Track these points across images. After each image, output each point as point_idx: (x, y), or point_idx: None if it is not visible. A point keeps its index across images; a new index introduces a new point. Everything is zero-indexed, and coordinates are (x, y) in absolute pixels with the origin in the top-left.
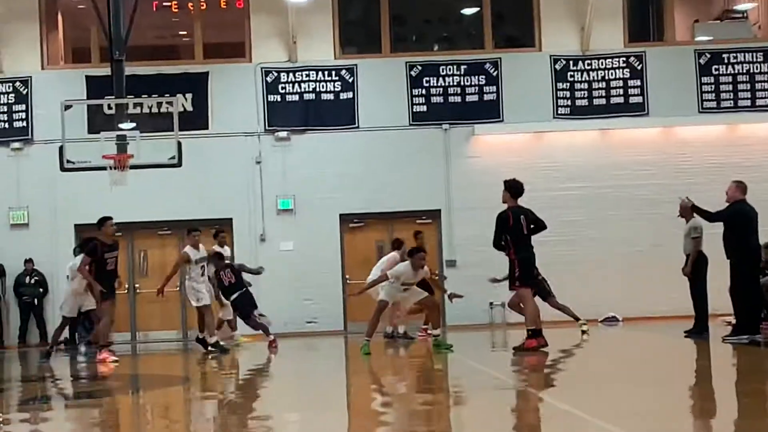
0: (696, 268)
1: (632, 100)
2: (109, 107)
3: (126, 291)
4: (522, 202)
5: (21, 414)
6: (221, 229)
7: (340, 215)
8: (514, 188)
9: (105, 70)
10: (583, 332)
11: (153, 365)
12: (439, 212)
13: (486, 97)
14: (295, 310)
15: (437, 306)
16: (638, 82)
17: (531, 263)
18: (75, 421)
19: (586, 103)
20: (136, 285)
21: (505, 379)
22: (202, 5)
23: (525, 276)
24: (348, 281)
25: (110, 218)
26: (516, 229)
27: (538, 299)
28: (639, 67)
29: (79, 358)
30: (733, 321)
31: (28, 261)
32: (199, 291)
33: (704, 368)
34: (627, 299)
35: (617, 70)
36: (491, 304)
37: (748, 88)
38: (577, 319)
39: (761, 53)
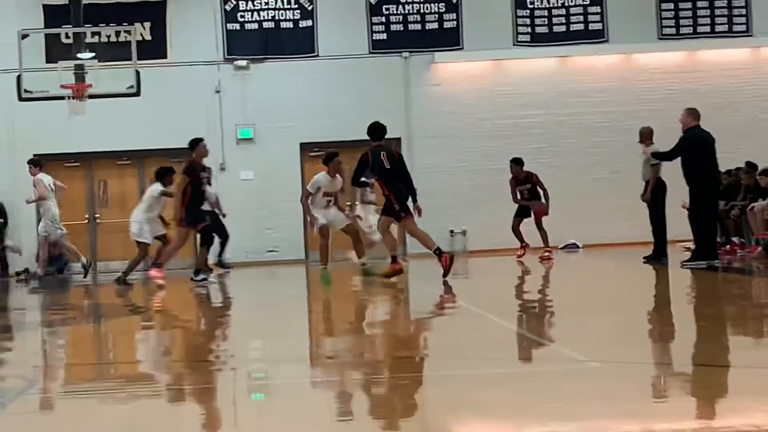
0: (655, 195)
1: (592, 27)
2: (67, 36)
3: (86, 221)
4: (484, 129)
5: None
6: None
7: (301, 144)
8: (371, 131)
9: None
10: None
11: (113, 295)
12: (399, 140)
13: (446, 25)
14: (256, 239)
15: (358, 234)
16: (598, 9)
17: (404, 194)
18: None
19: (546, 30)
20: (96, 215)
21: (466, 306)
22: None
23: (404, 206)
24: None
25: (202, 139)
26: (378, 167)
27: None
28: None
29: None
30: (692, 247)
31: None
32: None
33: (662, 293)
34: (587, 226)
35: None
36: (452, 231)
37: (708, 14)
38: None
39: None
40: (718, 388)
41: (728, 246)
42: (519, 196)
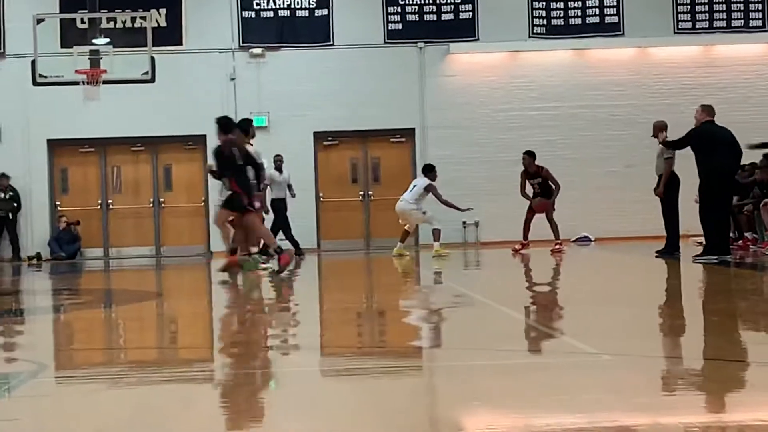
0: (668, 189)
1: (608, 20)
2: (83, 21)
3: (99, 207)
4: (498, 120)
5: None
6: None
7: (314, 133)
8: (220, 125)
9: None
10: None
11: (127, 281)
12: (413, 131)
13: (462, 16)
14: (268, 227)
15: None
16: (614, 2)
17: (251, 190)
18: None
19: (562, 23)
20: (109, 201)
21: (473, 296)
22: None
23: (251, 201)
24: (321, 199)
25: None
26: (229, 162)
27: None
28: None
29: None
30: (704, 241)
31: (3, 176)
32: None
33: (673, 287)
34: (599, 219)
35: None
36: (464, 223)
37: (724, 9)
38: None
39: None
40: (729, 383)
41: (741, 241)
42: (531, 190)
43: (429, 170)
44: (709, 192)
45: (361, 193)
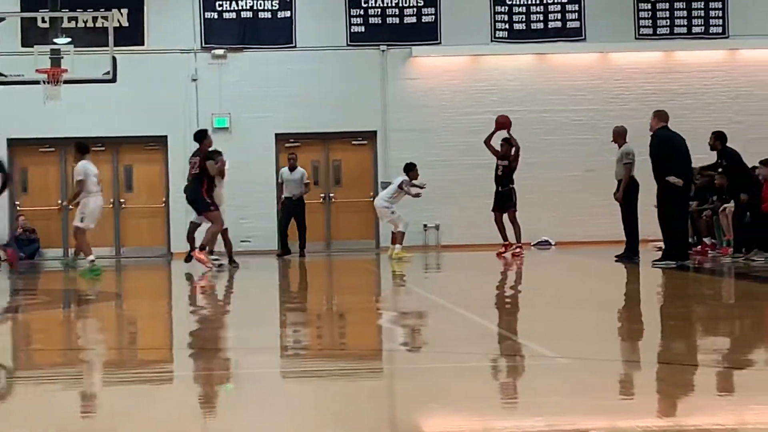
0: (627, 194)
1: (570, 25)
2: (44, 20)
3: (58, 207)
4: (460, 124)
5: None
6: None
7: (276, 135)
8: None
9: None
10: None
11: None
12: (375, 134)
13: (424, 19)
14: (229, 229)
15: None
16: (576, 7)
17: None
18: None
19: (524, 27)
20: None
21: (435, 299)
22: None
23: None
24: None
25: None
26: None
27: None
28: None
29: None
30: (663, 246)
31: None
32: None
33: (632, 292)
34: (560, 223)
35: None
36: (425, 226)
37: (685, 15)
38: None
39: None
40: (686, 387)
41: (700, 246)
42: (495, 164)
43: (409, 169)
44: (667, 197)
45: (323, 195)
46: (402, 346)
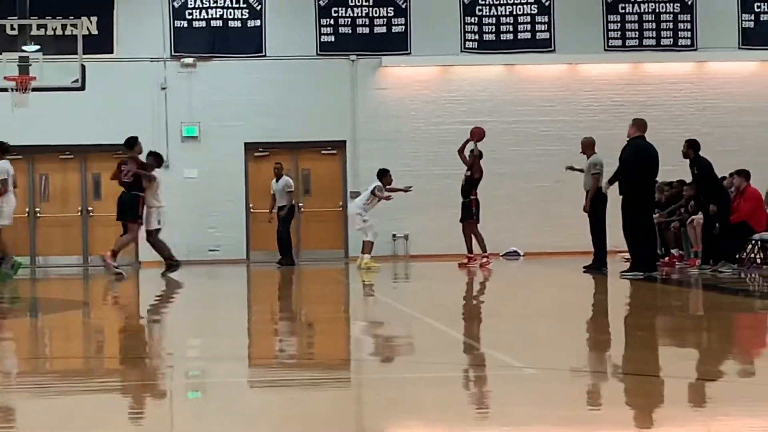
0: (595, 204)
1: (539, 36)
2: (12, 28)
3: (26, 215)
4: (429, 134)
5: None
6: None
7: (245, 144)
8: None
9: None
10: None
11: (53, 289)
12: (344, 143)
13: (394, 29)
14: (198, 237)
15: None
16: (545, 19)
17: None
18: None
19: (494, 38)
20: (37, 209)
21: (403, 309)
22: None
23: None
24: (252, 210)
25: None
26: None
27: None
28: (547, 4)
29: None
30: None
31: None
32: None
33: (600, 303)
34: (528, 234)
35: (525, 6)
36: (394, 236)
37: (653, 27)
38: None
39: None
40: (652, 397)
41: (667, 258)
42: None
43: (382, 174)
44: (634, 208)
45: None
46: (370, 356)
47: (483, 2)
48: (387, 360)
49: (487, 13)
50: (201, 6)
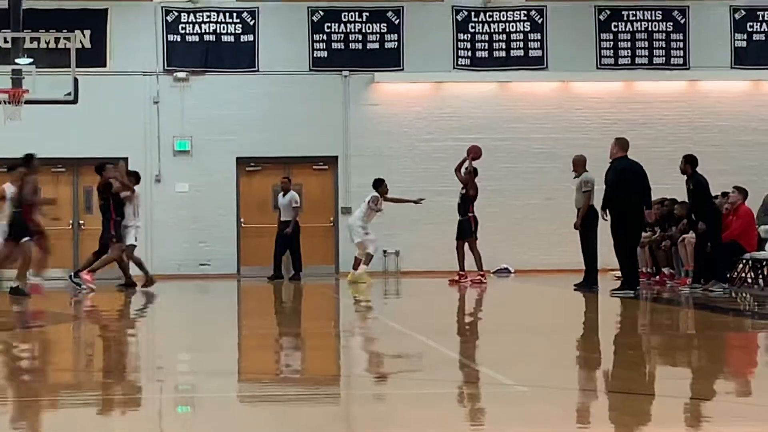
0: (586, 222)
1: (532, 53)
2: (5, 41)
3: None
4: (421, 150)
5: None
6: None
7: (237, 158)
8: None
9: (1, 2)
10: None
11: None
12: (336, 159)
13: (387, 45)
14: (189, 252)
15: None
16: (538, 36)
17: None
18: None
19: (487, 55)
20: None
21: (396, 326)
22: None
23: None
24: (243, 224)
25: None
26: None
27: None
28: (540, 21)
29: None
30: (620, 275)
31: None
32: None
33: (591, 321)
34: (520, 251)
35: (518, 23)
36: (385, 252)
37: (646, 45)
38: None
39: (660, 11)
40: (642, 416)
41: (658, 276)
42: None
43: (378, 184)
44: (623, 228)
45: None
46: (360, 372)
47: (476, 19)
48: (377, 376)
49: (480, 30)
50: (194, 21)
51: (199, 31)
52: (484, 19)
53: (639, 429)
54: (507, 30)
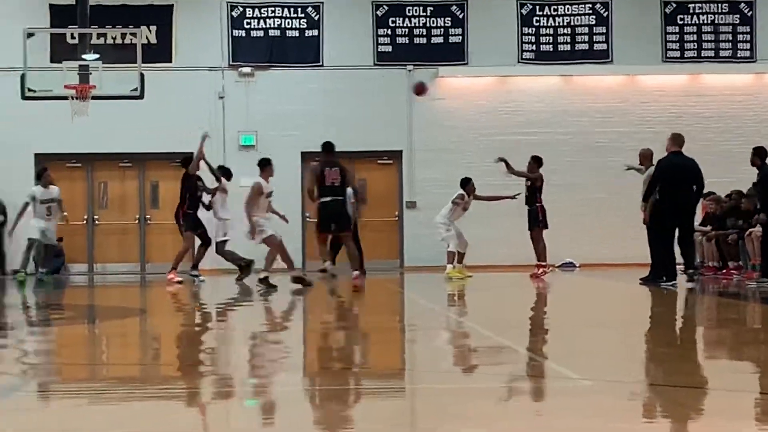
0: (653, 216)
1: (597, 47)
2: (73, 37)
3: (84, 222)
4: (485, 145)
5: None
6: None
7: (302, 153)
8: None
9: None
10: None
11: (110, 297)
12: (400, 153)
13: (451, 39)
14: (253, 246)
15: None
16: (603, 30)
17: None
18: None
19: (551, 49)
20: (95, 216)
21: (458, 319)
22: None
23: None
24: (308, 219)
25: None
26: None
27: None
28: (605, 15)
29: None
30: (684, 269)
31: None
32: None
33: (656, 315)
34: (585, 245)
35: (583, 17)
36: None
37: (712, 39)
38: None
39: (726, 4)
40: (707, 410)
41: (725, 270)
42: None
43: (464, 183)
44: (666, 221)
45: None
46: (424, 366)
47: (540, 13)
48: (441, 370)
49: (545, 24)
50: (259, 16)
51: (264, 26)
52: (548, 13)
53: (704, 422)
54: (572, 23)
